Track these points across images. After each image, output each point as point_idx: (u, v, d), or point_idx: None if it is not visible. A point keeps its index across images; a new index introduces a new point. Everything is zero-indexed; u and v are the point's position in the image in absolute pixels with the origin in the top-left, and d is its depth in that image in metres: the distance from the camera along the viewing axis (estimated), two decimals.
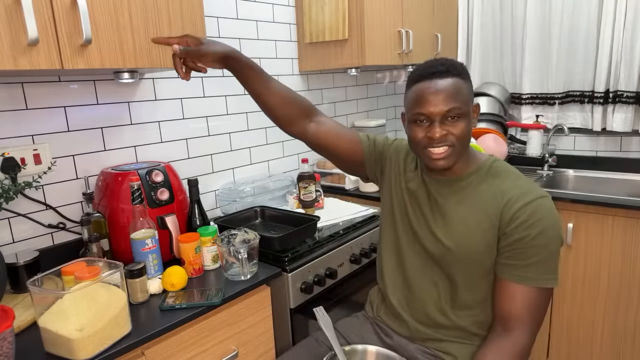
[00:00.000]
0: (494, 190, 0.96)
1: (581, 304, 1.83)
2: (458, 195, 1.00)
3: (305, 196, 1.72)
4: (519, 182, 0.96)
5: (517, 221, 0.91)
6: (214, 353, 1.15)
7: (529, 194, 0.92)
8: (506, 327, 0.94)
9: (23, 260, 1.13)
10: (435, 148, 0.94)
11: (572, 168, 2.27)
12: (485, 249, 0.95)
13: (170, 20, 1.20)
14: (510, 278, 0.93)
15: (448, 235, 0.99)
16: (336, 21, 1.85)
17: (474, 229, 0.96)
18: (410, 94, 0.97)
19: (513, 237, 0.91)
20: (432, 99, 0.91)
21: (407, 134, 1.01)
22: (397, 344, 1.10)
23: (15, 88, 1.21)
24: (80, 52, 1.02)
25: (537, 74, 2.29)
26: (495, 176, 0.98)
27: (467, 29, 2.48)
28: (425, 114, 0.93)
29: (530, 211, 0.90)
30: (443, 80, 0.92)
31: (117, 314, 0.94)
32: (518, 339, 0.92)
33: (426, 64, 0.96)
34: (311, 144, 1.17)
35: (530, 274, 0.91)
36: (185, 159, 1.64)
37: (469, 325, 1.02)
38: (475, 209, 0.97)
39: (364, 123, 2.37)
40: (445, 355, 1.04)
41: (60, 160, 1.32)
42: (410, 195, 1.08)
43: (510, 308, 0.93)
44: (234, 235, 1.25)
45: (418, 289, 1.07)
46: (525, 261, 0.91)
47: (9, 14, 0.91)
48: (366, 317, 1.21)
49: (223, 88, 1.74)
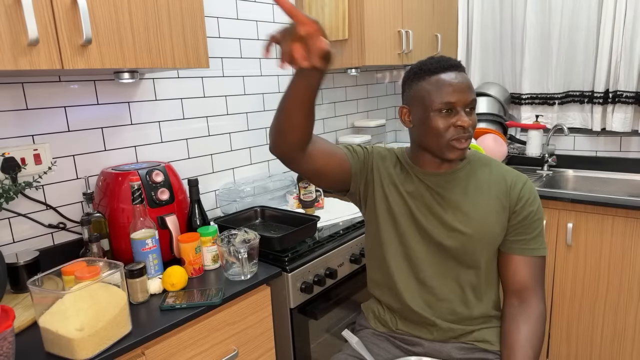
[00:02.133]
0: (494, 175, 1.05)
1: (581, 304, 1.83)
2: (460, 185, 1.04)
3: (305, 196, 1.72)
4: (506, 168, 1.08)
5: (523, 200, 1.02)
6: (214, 353, 1.15)
7: (521, 176, 1.06)
8: (522, 298, 1.03)
9: (23, 260, 1.13)
10: (462, 138, 0.96)
11: (571, 168, 2.27)
12: (500, 229, 1.03)
13: (170, 20, 1.20)
14: (520, 252, 1.03)
15: (466, 223, 1.02)
16: (336, 21, 1.85)
17: (488, 212, 1.02)
18: (430, 84, 0.96)
19: (522, 215, 1.02)
20: (461, 87, 0.95)
21: (423, 126, 0.98)
22: (430, 350, 1.08)
23: (16, 88, 1.22)
24: (81, 52, 1.02)
25: (536, 74, 2.29)
26: (486, 164, 1.07)
27: (467, 29, 2.48)
28: (453, 103, 0.95)
29: (529, 190, 1.03)
30: (462, 73, 0.98)
31: (117, 313, 0.94)
32: (538, 305, 1.02)
33: (438, 58, 0.99)
34: (302, 167, 0.97)
35: (535, 245, 1.03)
36: (185, 159, 1.64)
37: (490, 309, 1.08)
38: (484, 195, 1.03)
39: (364, 123, 2.37)
40: (480, 344, 1.06)
41: (60, 160, 1.32)
42: (412, 197, 1.06)
43: (522, 280, 1.03)
44: (234, 235, 1.25)
45: (440, 290, 1.06)
46: (531, 234, 1.03)
47: (9, 14, 0.91)
48: (377, 334, 1.15)
49: (223, 88, 1.74)
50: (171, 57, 1.21)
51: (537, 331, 0.99)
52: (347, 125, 2.38)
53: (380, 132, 2.53)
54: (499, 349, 1.05)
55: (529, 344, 0.98)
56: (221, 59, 1.72)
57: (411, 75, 1.01)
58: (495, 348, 1.05)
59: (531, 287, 1.03)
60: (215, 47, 1.69)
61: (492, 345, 1.06)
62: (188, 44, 1.25)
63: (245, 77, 1.82)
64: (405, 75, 1.04)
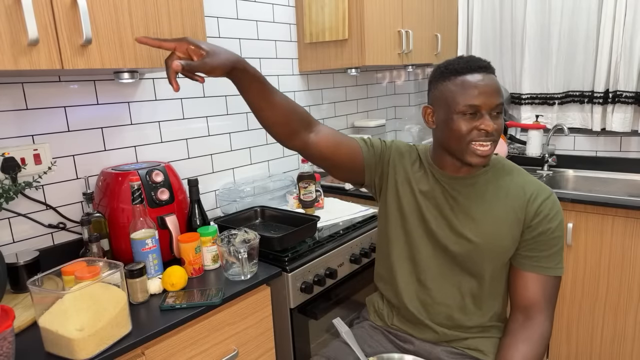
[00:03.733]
0: (513, 185, 1.01)
1: (581, 304, 1.83)
2: (477, 191, 1.01)
3: (305, 196, 1.72)
4: (530, 178, 1.02)
5: (541, 215, 0.97)
6: (214, 353, 1.15)
7: (545, 189, 1.00)
8: (528, 315, 0.99)
9: (23, 260, 1.13)
10: (484, 143, 0.93)
11: (571, 168, 2.27)
12: (511, 243, 0.99)
13: (170, 20, 1.20)
14: (531, 269, 0.99)
15: (475, 231, 0.99)
16: (336, 21, 1.85)
17: (500, 223, 0.99)
18: (455, 85, 0.93)
19: (537, 230, 0.97)
20: (487, 90, 0.92)
21: (446, 127, 0.96)
22: (420, 349, 1.08)
23: (16, 88, 1.22)
24: (81, 52, 1.02)
25: (536, 74, 2.29)
26: (509, 172, 1.03)
27: (467, 29, 2.48)
28: (478, 106, 0.92)
29: (550, 205, 0.98)
30: (490, 75, 0.94)
31: (117, 313, 0.94)
32: (542, 325, 0.98)
33: (467, 58, 0.96)
34: (312, 157, 1.06)
35: (550, 263, 0.98)
36: (185, 159, 1.64)
37: (488, 320, 1.06)
38: (500, 204, 1.00)
39: (364, 123, 2.37)
40: (472, 352, 1.04)
41: (60, 160, 1.32)
42: (425, 197, 1.04)
43: (531, 297, 0.99)
44: (234, 235, 1.25)
45: (439, 294, 1.05)
46: (547, 252, 0.98)
47: (9, 14, 0.91)
48: (374, 327, 1.17)
49: (223, 88, 1.74)
50: None
51: (535, 353, 0.95)
52: (347, 125, 2.38)
53: (380, 132, 2.53)
54: None
55: None
56: None
57: (437, 74, 0.98)
58: (487, 359, 1.03)
59: (539, 305, 0.98)
60: None
61: (485, 356, 1.03)
62: None
63: None
64: (432, 75, 1.01)
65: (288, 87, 2.01)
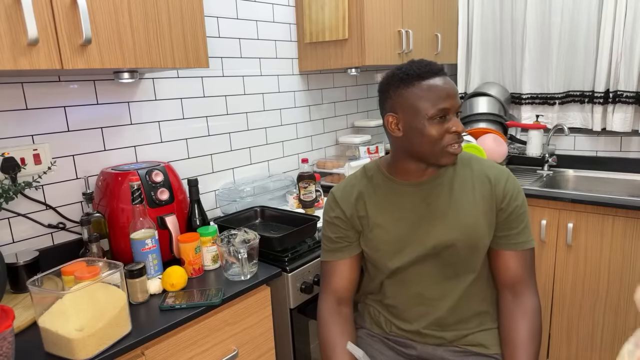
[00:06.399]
0: (476, 174, 1.04)
1: (581, 304, 1.83)
2: (446, 189, 1.03)
3: (305, 196, 1.72)
4: (487, 163, 1.07)
5: (508, 195, 1.02)
6: (214, 353, 1.15)
7: (503, 170, 1.05)
8: (516, 292, 1.04)
9: (23, 260, 1.13)
10: (456, 144, 0.96)
11: (572, 168, 2.27)
12: (488, 229, 1.03)
13: (170, 20, 1.20)
14: (509, 247, 1.03)
15: (453, 228, 1.01)
16: (336, 21, 1.85)
17: (475, 213, 1.01)
18: (422, 90, 0.93)
19: (508, 210, 1.02)
20: (452, 93, 0.95)
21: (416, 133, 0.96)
22: (424, 353, 1.07)
23: (15, 88, 1.21)
24: (80, 52, 1.02)
25: (537, 74, 2.29)
26: (467, 164, 1.06)
27: (467, 29, 2.48)
28: (448, 109, 0.94)
29: (512, 184, 1.03)
30: (448, 78, 0.96)
31: (117, 314, 0.94)
32: (531, 300, 1.03)
33: (424, 62, 0.96)
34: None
35: (523, 238, 1.03)
36: (185, 159, 1.64)
37: (482, 305, 1.08)
38: (469, 196, 1.02)
39: (364, 123, 2.37)
40: (474, 348, 1.05)
41: (60, 160, 1.32)
42: (394, 213, 1.04)
43: (514, 274, 1.04)
44: (234, 235, 1.25)
45: (433, 302, 1.05)
46: (518, 228, 1.03)
47: (9, 14, 0.91)
48: (371, 335, 1.15)
49: (223, 88, 1.74)
50: (171, 57, 1.21)
51: (535, 325, 1.00)
52: (347, 125, 2.38)
53: (380, 132, 2.53)
54: (496, 352, 1.04)
55: (530, 340, 0.98)
56: (221, 59, 1.72)
57: (396, 80, 0.96)
58: (491, 352, 1.04)
59: (523, 280, 1.04)
60: (215, 47, 1.69)
61: (488, 349, 1.05)
62: (188, 43, 1.25)
63: (245, 77, 1.81)
64: (388, 81, 0.99)
65: (288, 87, 2.01)
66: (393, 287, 1.09)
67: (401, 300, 1.08)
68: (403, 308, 1.08)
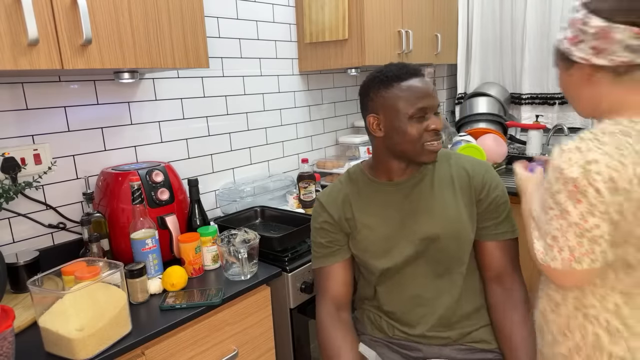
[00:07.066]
0: (455, 169, 1.06)
1: None
2: (427, 186, 1.05)
3: (305, 196, 1.72)
4: (465, 157, 1.09)
5: (487, 186, 1.04)
6: (214, 353, 1.15)
7: (481, 162, 1.07)
8: (503, 283, 1.05)
9: (23, 260, 1.13)
10: (435, 141, 0.99)
11: None
12: (470, 221, 1.04)
13: (170, 20, 1.20)
14: (492, 238, 1.05)
15: (438, 224, 1.02)
16: (336, 21, 1.85)
17: (457, 207, 1.03)
18: (402, 91, 0.97)
19: (487, 201, 1.04)
20: (430, 93, 0.98)
21: (397, 132, 0.99)
22: (430, 354, 1.07)
23: (16, 88, 1.22)
24: (80, 52, 1.02)
25: (536, 74, 2.29)
26: (446, 159, 1.09)
27: (467, 29, 2.48)
28: (427, 108, 0.97)
29: (490, 175, 1.05)
30: (425, 79, 1.00)
31: (117, 313, 0.94)
32: (519, 288, 1.04)
33: (402, 64, 1.00)
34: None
35: (505, 228, 1.05)
36: (185, 159, 1.64)
37: (478, 299, 1.08)
38: (450, 190, 1.04)
39: (363, 123, 2.36)
40: (478, 344, 1.05)
41: (60, 160, 1.32)
42: (381, 215, 1.05)
43: (499, 265, 1.05)
44: (234, 235, 1.25)
45: (431, 301, 1.05)
46: (499, 218, 1.04)
47: (9, 14, 0.91)
48: (374, 340, 1.13)
49: (223, 88, 1.74)
50: (171, 57, 1.21)
51: (526, 315, 1.01)
52: (347, 125, 2.38)
53: None
54: (495, 347, 1.05)
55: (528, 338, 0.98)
56: (221, 59, 1.72)
57: (376, 83, 1.01)
58: (492, 346, 1.05)
59: (508, 270, 1.05)
60: (215, 47, 1.69)
61: (490, 344, 1.06)
62: (188, 44, 1.25)
63: (245, 77, 1.82)
64: (368, 84, 1.03)
65: (288, 87, 2.01)
66: (387, 295, 1.09)
67: (398, 306, 1.08)
68: (402, 312, 1.08)
